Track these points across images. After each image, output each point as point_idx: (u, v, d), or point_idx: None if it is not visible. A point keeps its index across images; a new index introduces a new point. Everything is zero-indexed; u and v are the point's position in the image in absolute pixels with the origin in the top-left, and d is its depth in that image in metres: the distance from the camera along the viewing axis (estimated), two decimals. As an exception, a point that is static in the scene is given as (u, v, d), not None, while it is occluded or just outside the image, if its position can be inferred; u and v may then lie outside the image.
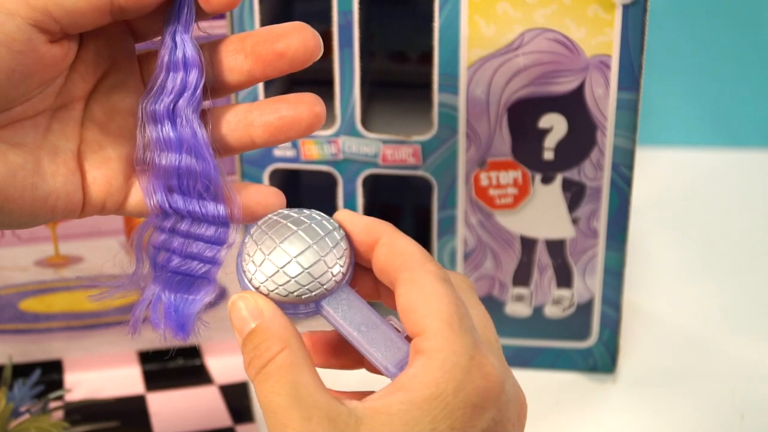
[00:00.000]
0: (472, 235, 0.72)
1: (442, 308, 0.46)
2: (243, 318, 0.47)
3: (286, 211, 0.49)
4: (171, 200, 0.49)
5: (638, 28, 0.65)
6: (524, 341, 0.75)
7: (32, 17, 0.45)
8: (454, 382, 0.45)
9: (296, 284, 0.47)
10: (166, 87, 0.49)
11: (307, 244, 0.48)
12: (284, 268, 0.47)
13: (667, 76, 1.04)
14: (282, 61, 0.49)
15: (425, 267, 0.48)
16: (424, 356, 0.45)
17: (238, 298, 0.47)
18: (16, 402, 0.69)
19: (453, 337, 0.46)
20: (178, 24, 0.48)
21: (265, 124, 0.50)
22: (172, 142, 0.49)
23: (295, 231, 0.48)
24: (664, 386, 0.75)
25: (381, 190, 0.83)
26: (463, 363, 0.45)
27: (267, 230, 0.48)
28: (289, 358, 0.46)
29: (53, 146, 0.48)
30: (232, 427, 0.71)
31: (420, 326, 0.46)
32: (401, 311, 0.47)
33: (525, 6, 0.65)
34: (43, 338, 0.75)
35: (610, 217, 0.71)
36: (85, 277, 0.74)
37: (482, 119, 0.69)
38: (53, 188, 0.48)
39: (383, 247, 0.49)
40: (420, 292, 0.47)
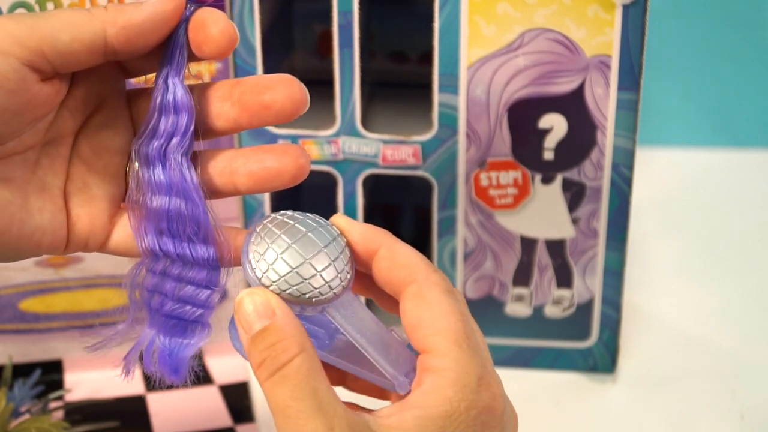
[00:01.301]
0: (472, 235, 0.72)
1: (450, 326, 0.47)
2: (253, 314, 0.46)
3: (289, 212, 0.49)
4: (161, 243, 0.49)
5: (638, 28, 0.65)
6: (524, 341, 0.75)
7: (26, 57, 0.45)
8: (466, 401, 0.46)
9: (309, 286, 0.47)
10: (158, 129, 0.49)
11: (318, 247, 0.47)
12: (298, 268, 0.47)
13: (667, 76, 1.05)
14: (268, 112, 0.49)
15: (430, 279, 0.48)
16: (434, 375, 0.46)
17: (248, 293, 0.46)
18: (17, 402, 0.69)
19: (462, 357, 0.46)
20: (170, 67, 0.48)
21: (250, 173, 0.50)
22: (163, 185, 0.48)
23: (306, 233, 0.48)
24: (664, 386, 0.75)
25: (381, 190, 0.83)
26: (473, 383, 0.46)
27: (277, 230, 0.48)
28: (307, 362, 0.45)
29: (41, 182, 0.48)
30: (232, 427, 0.71)
31: (428, 344, 0.47)
32: (408, 326, 0.48)
33: (525, 6, 0.65)
34: (43, 338, 0.75)
35: (610, 217, 0.71)
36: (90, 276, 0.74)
37: (482, 119, 0.69)
38: (40, 224, 0.48)
39: (384, 260, 0.49)
40: (428, 308, 0.47)
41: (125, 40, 0.46)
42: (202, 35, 0.47)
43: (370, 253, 0.49)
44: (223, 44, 0.47)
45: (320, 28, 0.82)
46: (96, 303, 0.75)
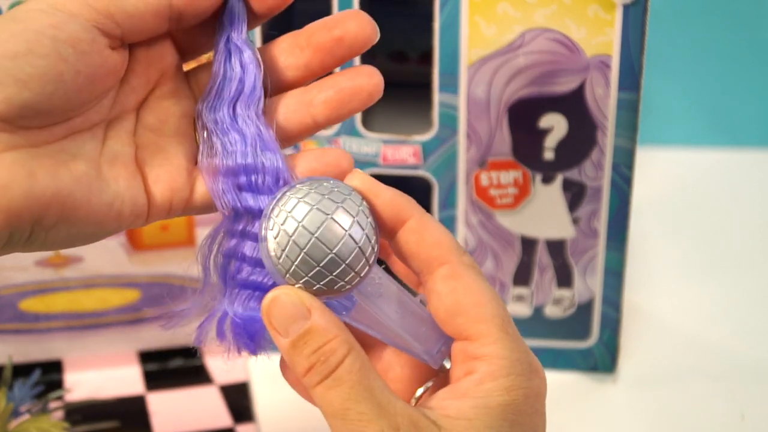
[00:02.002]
0: (472, 235, 0.72)
1: (495, 312, 0.46)
2: (290, 314, 0.44)
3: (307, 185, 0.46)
4: (241, 199, 0.48)
5: (638, 28, 0.65)
6: (524, 341, 0.75)
7: (95, 19, 0.45)
8: (523, 390, 0.45)
9: (336, 279, 0.44)
10: (224, 90, 0.49)
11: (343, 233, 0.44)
12: (322, 263, 0.44)
13: (667, 76, 1.05)
14: (341, 46, 0.49)
15: (463, 261, 0.47)
16: (486, 363, 0.45)
17: (280, 293, 0.44)
18: (17, 402, 0.69)
19: (512, 344, 0.46)
20: (230, 28, 0.49)
21: (326, 101, 0.49)
22: (237, 141, 0.48)
23: (329, 217, 0.44)
24: (664, 386, 0.75)
25: (381, 190, 0.83)
26: (527, 370, 0.46)
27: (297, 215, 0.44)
28: (359, 361, 0.44)
29: (112, 153, 0.48)
30: (232, 428, 0.71)
31: (474, 331, 0.46)
32: (445, 311, 0.46)
33: (525, 6, 0.65)
34: (43, 338, 0.75)
35: (611, 217, 0.71)
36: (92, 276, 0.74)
37: (482, 119, 0.69)
38: (117, 192, 0.47)
39: (414, 233, 0.47)
40: (467, 293, 0.46)
41: (189, 0, 0.47)
42: None
43: (396, 223, 0.47)
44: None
45: (320, 28, 0.81)
46: (96, 303, 0.75)
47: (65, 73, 0.44)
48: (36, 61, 0.44)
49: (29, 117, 0.44)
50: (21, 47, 0.44)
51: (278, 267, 0.44)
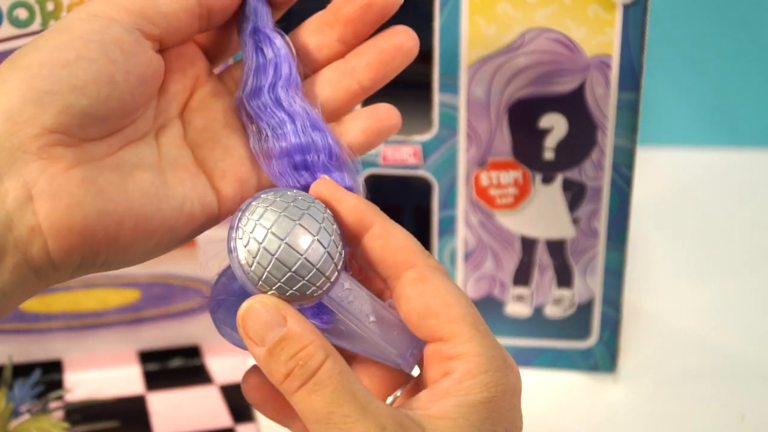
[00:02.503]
0: (472, 235, 0.72)
1: (465, 311, 0.46)
2: (265, 323, 0.44)
3: (272, 195, 0.46)
4: (299, 178, 0.49)
5: (638, 28, 0.65)
6: (524, 341, 0.75)
7: (134, 21, 0.46)
8: (502, 385, 0.45)
9: (308, 284, 0.45)
10: (261, 78, 0.50)
11: (311, 238, 0.45)
12: (294, 268, 0.44)
13: (667, 76, 1.05)
14: (371, 12, 0.50)
15: (429, 264, 0.47)
16: (462, 361, 0.45)
17: (255, 302, 0.44)
18: (17, 402, 0.69)
19: (485, 341, 0.46)
20: (256, 19, 0.50)
21: (368, 64, 0.50)
22: (286, 122, 0.49)
23: (296, 223, 0.45)
24: (664, 386, 0.75)
25: (381, 190, 0.83)
26: (503, 366, 0.46)
27: (265, 223, 0.45)
28: (338, 364, 0.43)
29: (170, 157, 0.48)
30: (232, 428, 0.71)
31: (446, 331, 0.46)
32: (415, 314, 0.46)
33: (525, 6, 0.65)
34: (43, 338, 0.75)
35: (611, 217, 0.71)
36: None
37: (483, 119, 0.69)
38: (185, 195, 0.47)
39: (378, 239, 0.47)
40: (435, 295, 0.46)
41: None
42: None
43: (360, 229, 0.47)
44: None
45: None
46: (96, 303, 0.75)
47: (116, 75, 0.45)
48: (87, 66, 0.44)
49: (89, 125, 0.45)
50: (71, 55, 0.44)
51: (250, 275, 0.44)
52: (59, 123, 0.43)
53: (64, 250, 0.43)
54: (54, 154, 0.43)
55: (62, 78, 0.44)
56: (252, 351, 0.44)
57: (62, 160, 0.43)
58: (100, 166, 0.45)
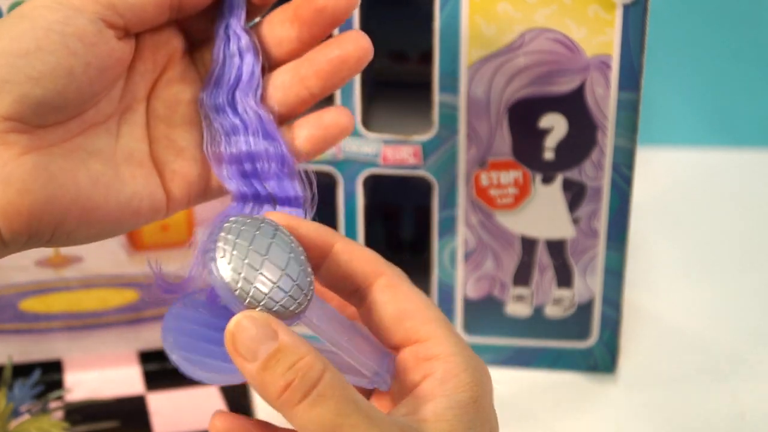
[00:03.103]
0: (472, 235, 0.72)
1: (438, 314, 0.47)
2: (257, 337, 0.42)
3: (242, 218, 0.46)
4: (247, 185, 0.49)
5: (638, 28, 0.65)
6: (524, 341, 0.75)
7: (99, 12, 0.46)
8: (483, 385, 0.46)
9: (291, 299, 0.44)
10: (223, 78, 0.50)
11: (286, 256, 0.45)
12: (279, 282, 0.44)
13: (667, 76, 1.04)
14: (323, 17, 0.49)
15: (395, 271, 0.48)
16: (443, 361, 0.45)
17: (243, 317, 0.42)
18: (16, 402, 0.69)
19: (459, 342, 0.46)
20: (230, 16, 0.50)
21: (317, 72, 0.50)
22: (239, 129, 0.49)
23: (272, 242, 0.45)
24: (664, 386, 0.75)
25: (381, 190, 0.83)
26: (479, 366, 0.46)
27: (243, 242, 0.44)
28: (337, 376, 0.42)
29: (127, 150, 0.49)
30: (233, 427, 0.71)
31: (423, 333, 0.46)
32: (389, 318, 0.47)
33: (525, 6, 0.65)
34: (43, 338, 0.75)
35: (611, 217, 0.71)
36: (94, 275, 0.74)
37: (483, 119, 0.69)
38: (135, 191, 0.48)
39: (344, 254, 0.47)
40: (408, 299, 0.47)
41: None
42: None
43: (323, 250, 0.47)
44: None
45: (320, 28, 0.81)
46: (96, 303, 0.75)
47: (75, 67, 0.45)
48: (46, 57, 0.44)
49: (44, 114, 0.45)
50: (31, 45, 0.44)
51: (238, 292, 0.44)
52: (14, 111, 0.44)
53: (12, 231, 0.44)
54: (8, 140, 0.44)
55: (20, 68, 0.44)
56: (243, 368, 0.42)
57: (15, 146, 0.44)
58: (54, 152, 0.46)
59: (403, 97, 0.78)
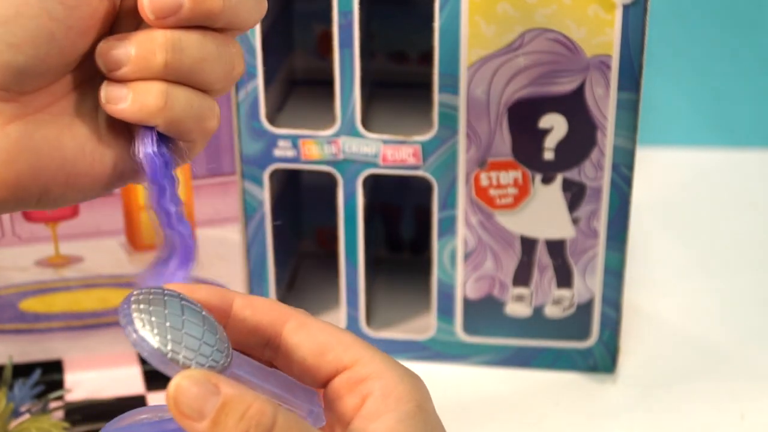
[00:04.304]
0: (472, 235, 0.72)
1: (355, 339, 0.47)
2: (200, 395, 0.41)
3: (145, 290, 0.46)
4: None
5: (638, 28, 0.65)
6: (524, 341, 0.75)
7: None
8: (420, 392, 0.46)
9: (219, 353, 0.44)
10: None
11: (200, 316, 0.45)
12: (203, 339, 0.44)
13: (667, 76, 1.05)
14: None
15: (300, 312, 0.47)
16: (377, 379, 0.45)
17: (180, 379, 0.42)
18: (17, 402, 0.69)
19: (385, 357, 0.46)
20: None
21: None
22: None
23: (183, 305, 0.45)
24: (664, 386, 0.75)
25: (381, 190, 0.83)
26: (410, 375, 0.46)
27: (159, 307, 0.45)
28: (290, 416, 0.42)
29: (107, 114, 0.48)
30: (232, 427, 0.71)
31: (348, 358, 0.46)
32: (312, 354, 0.46)
33: (525, 6, 0.65)
34: (43, 338, 0.75)
35: (610, 217, 0.71)
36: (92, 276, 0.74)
37: (482, 119, 0.69)
38: (119, 153, 0.47)
39: (246, 309, 0.47)
40: (322, 332, 0.47)
41: None
42: None
43: (224, 308, 0.47)
44: None
45: (320, 28, 0.82)
46: (96, 303, 0.75)
47: (57, 32, 0.44)
48: (26, 23, 0.44)
49: (27, 81, 0.44)
50: (9, 11, 0.44)
51: (171, 356, 0.44)
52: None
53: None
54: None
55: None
56: (193, 429, 0.41)
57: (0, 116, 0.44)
58: (39, 119, 0.45)
59: (403, 97, 0.78)
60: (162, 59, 0.46)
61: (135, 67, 0.46)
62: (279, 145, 0.72)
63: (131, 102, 0.46)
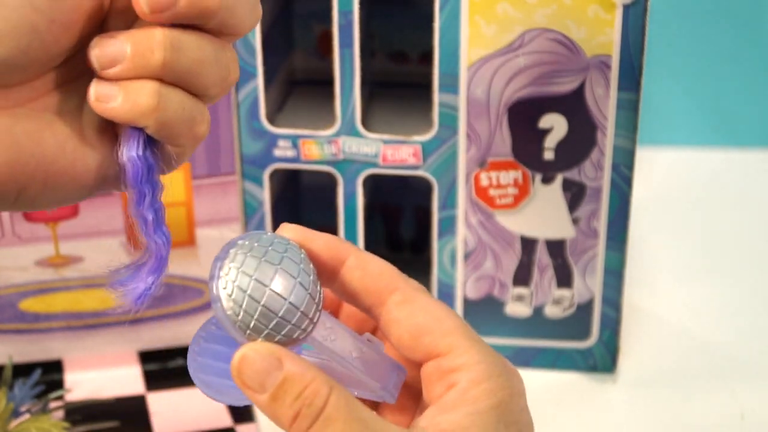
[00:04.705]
0: (472, 235, 0.72)
1: (457, 324, 0.46)
2: (262, 369, 0.43)
3: (248, 242, 0.45)
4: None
5: (638, 28, 0.65)
6: (524, 341, 0.75)
7: None
8: (507, 389, 0.45)
9: (294, 327, 0.44)
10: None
11: (293, 281, 0.44)
12: (290, 299, 0.44)
13: (667, 76, 1.05)
14: None
15: (410, 284, 0.47)
16: (465, 371, 0.45)
17: (247, 350, 0.43)
18: (17, 402, 0.69)
19: (483, 349, 0.46)
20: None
21: None
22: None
23: (278, 267, 0.44)
24: (664, 386, 0.75)
25: (381, 190, 0.83)
26: (504, 371, 0.46)
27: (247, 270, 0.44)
28: (343, 396, 0.43)
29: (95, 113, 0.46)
30: (232, 427, 0.71)
31: (443, 346, 0.46)
32: (408, 335, 0.46)
33: (525, 6, 0.65)
34: (43, 338, 0.75)
35: (610, 217, 0.71)
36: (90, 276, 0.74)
37: (482, 119, 0.69)
38: (103, 156, 0.46)
39: (356, 270, 0.47)
40: (425, 312, 0.46)
41: None
42: None
43: (336, 264, 0.47)
44: None
45: (320, 28, 0.82)
46: (96, 303, 0.75)
47: (39, 24, 0.43)
48: (7, 14, 0.43)
49: (8, 74, 0.43)
50: None
51: (238, 324, 0.44)
52: None
53: None
54: None
55: None
56: (254, 400, 0.43)
57: None
58: (19, 113, 0.44)
59: (403, 97, 0.79)
60: (160, 57, 0.45)
61: (131, 65, 0.44)
62: (279, 145, 0.72)
63: (122, 101, 0.45)
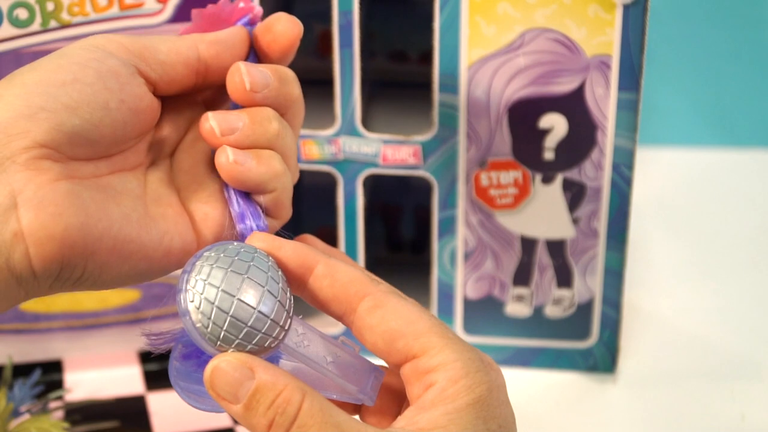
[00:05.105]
0: (472, 235, 0.72)
1: (430, 324, 0.47)
2: (234, 380, 0.44)
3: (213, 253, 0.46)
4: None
5: (638, 28, 0.65)
6: (524, 341, 0.75)
7: (131, 60, 0.48)
8: (485, 384, 0.46)
9: (265, 336, 0.45)
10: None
11: (261, 290, 0.45)
12: (258, 308, 0.44)
13: (667, 76, 1.05)
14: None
15: (380, 289, 0.47)
16: (442, 371, 0.46)
17: (218, 362, 0.44)
18: (17, 402, 0.69)
19: (458, 347, 0.46)
20: None
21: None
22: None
23: (245, 277, 0.45)
24: (664, 386, 0.75)
25: (381, 190, 0.83)
26: (481, 366, 0.46)
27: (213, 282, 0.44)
28: (316, 401, 0.43)
29: (155, 194, 0.50)
30: (232, 428, 0.71)
31: (417, 348, 0.46)
32: (381, 341, 0.47)
33: (525, 6, 0.65)
34: (43, 338, 0.75)
35: (611, 217, 0.71)
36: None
37: (482, 119, 0.69)
38: (166, 229, 0.49)
39: (325, 278, 0.47)
40: (396, 316, 0.47)
41: (215, 53, 0.50)
42: (270, 36, 0.52)
43: (305, 272, 0.47)
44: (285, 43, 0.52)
45: (320, 28, 0.82)
46: (96, 303, 0.75)
47: (111, 101, 0.47)
48: (83, 88, 0.46)
49: (79, 145, 0.46)
50: (68, 77, 0.46)
51: (208, 336, 0.44)
52: (50, 138, 0.45)
53: (44, 258, 0.44)
54: (41, 166, 0.44)
55: (57, 96, 0.45)
56: (229, 411, 0.44)
57: (49, 173, 0.45)
58: (86, 184, 0.46)
59: (403, 97, 0.79)
60: (276, 126, 0.50)
61: (250, 132, 0.49)
62: (279, 145, 0.72)
63: (257, 164, 0.49)
